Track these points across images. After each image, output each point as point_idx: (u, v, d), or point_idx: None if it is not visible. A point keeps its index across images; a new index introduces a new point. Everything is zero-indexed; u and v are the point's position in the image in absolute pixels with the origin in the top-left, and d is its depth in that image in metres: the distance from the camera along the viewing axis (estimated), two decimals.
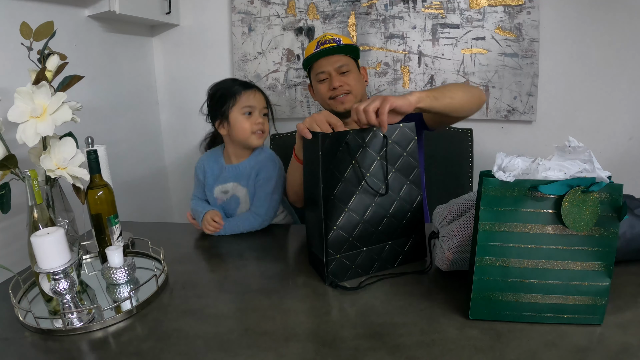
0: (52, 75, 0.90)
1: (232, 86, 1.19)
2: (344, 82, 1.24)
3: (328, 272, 0.88)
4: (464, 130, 1.61)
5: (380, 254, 0.92)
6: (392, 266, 0.93)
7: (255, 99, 1.18)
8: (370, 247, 0.91)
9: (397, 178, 0.92)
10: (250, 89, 1.19)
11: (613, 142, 1.70)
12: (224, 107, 1.18)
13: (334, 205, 0.86)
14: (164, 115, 2.09)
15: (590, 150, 0.68)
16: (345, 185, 0.87)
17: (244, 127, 1.17)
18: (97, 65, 1.61)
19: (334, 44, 1.24)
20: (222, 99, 1.19)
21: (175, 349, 0.70)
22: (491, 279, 0.71)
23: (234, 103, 1.17)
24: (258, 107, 1.18)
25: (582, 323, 0.71)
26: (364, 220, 0.89)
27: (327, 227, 0.86)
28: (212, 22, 1.93)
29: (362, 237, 0.90)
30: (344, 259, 0.89)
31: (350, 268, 0.89)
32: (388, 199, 0.91)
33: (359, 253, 0.90)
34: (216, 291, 0.91)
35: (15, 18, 1.07)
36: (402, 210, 0.92)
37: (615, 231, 0.68)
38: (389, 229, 0.92)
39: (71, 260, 0.75)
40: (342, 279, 0.89)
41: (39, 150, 0.90)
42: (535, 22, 1.64)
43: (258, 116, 1.18)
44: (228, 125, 1.19)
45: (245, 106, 1.17)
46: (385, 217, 0.91)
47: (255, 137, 1.19)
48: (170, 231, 1.31)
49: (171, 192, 2.18)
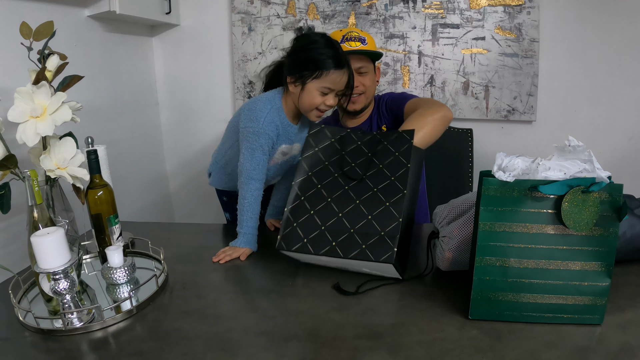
0: (52, 75, 0.89)
1: (324, 55, 1.06)
2: (360, 83, 1.24)
3: (281, 236, 0.89)
4: (464, 130, 1.61)
5: (336, 237, 0.86)
6: (345, 256, 0.84)
7: (341, 82, 1.08)
8: (329, 226, 0.87)
9: (380, 173, 0.91)
10: (342, 69, 1.07)
11: (613, 142, 1.70)
12: (305, 72, 1.07)
13: (310, 181, 0.92)
14: (164, 115, 2.09)
15: (590, 150, 0.68)
16: (326, 168, 0.94)
17: (313, 101, 1.08)
18: (97, 65, 1.61)
19: (359, 44, 1.22)
20: (308, 63, 1.07)
21: (175, 349, 0.70)
22: (491, 279, 0.71)
23: (318, 77, 1.06)
24: (337, 89, 1.09)
25: (582, 323, 0.71)
26: (331, 198, 0.90)
27: (295, 195, 0.91)
28: (212, 22, 1.93)
29: (324, 215, 0.88)
30: (298, 229, 0.88)
31: (301, 240, 0.87)
32: (363, 187, 0.90)
33: (315, 228, 0.88)
34: (216, 291, 0.91)
35: (15, 18, 1.07)
36: (374, 201, 0.88)
37: (615, 231, 0.68)
38: (353, 214, 0.87)
39: (71, 260, 0.75)
40: (290, 249, 0.88)
41: (39, 150, 0.90)
42: (535, 22, 1.64)
43: (332, 98, 1.09)
44: (300, 89, 1.09)
45: (326, 87, 1.07)
46: (354, 203, 0.88)
47: (314, 114, 1.11)
48: (170, 231, 1.31)
49: (171, 192, 2.18)
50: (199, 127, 2.07)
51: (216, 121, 1.99)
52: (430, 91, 1.79)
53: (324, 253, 0.85)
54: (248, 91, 1.94)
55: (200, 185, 2.05)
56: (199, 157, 2.08)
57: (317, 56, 1.06)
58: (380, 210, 0.86)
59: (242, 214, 1.09)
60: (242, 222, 1.08)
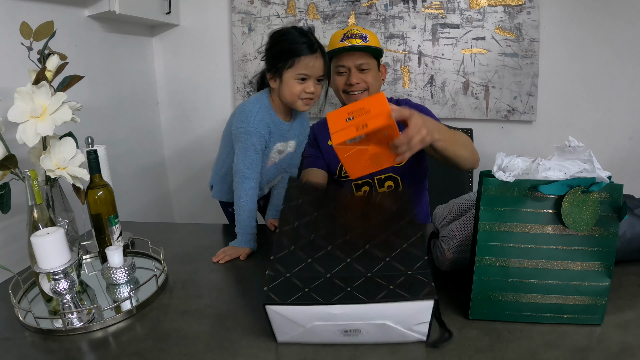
0: (52, 75, 0.89)
1: (295, 44, 1.08)
2: (362, 80, 1.24)
3: (268, 287, 0.66)
4: (464, 130, 1.61)
5: (350, 283, 0.66)
6: (369, 300, 0.63)
7: (315, 66, 1.08)
8: (336, 273, 0.69)
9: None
10: (312, 53, 1.08)
11: (613, 142, 1.70)
12: (279, 64, 1.09)
13: (297, 231, 0.75)
14: (164, 115, 2.09)
15: (590, 150, 0.68)
16: (315, 219, 0.78)
17: (293, 91, 1.09)
18: (97, 65, 1.61)
19: (360, 41, 1.22)
20: (281, 55, 1.09)
21: (175, 349, 0.70)
22: (491, 279, 0.71)
23: (291, 65, 1.08)
24: (315, 75, 1.09)
25: (582, 323, 0.71)
26: (332, 246, 0.73)
27: (282, 245, 0.71)
28: (212, 22, 1.93)
29: (326, 263, 0.71)
30: (294, 279, 0.67)
31: (301, 289, 0.65)
32: (370, 234, 0.75)
33: (318, 276, 0.68)
34: (216, 291, 0.91)
35: (15, 18, 1.07)
36: (388, 246, 0.72)
37: (615, 231, 0.68)
38: (365, 259, 0.71)
39: (71, 260, 0.75)
40: (286, 300, 0.64)
41: (39, 150, 0.90)
42: (535, 22, 1.64)
43: (311, 84, 1.09)
44: (280, 82, 1.11)
45: (301, 73, 1.08)
46: (362, 248, 0.72)
47: (302, 103, 1.11)
48: (170, 231, 1.31)
49: (171, 192, 2.18)
50: (199, 127, 2.07)
51: (216, 121, 1.99)
52: (430, 91, 1.79)
53: (338, 300, 0.63)
54: (248, 91, 1.93)
55: (200, 185, 2.05)
56: (199, 157, 2.08)
57: (286, 45, 1.08)
58: (399, 251, 0.70)
59: (239, 214, 1.09)
60: (240, 222, 1.09)
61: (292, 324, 0.65)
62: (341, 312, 0.63)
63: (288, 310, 0.64)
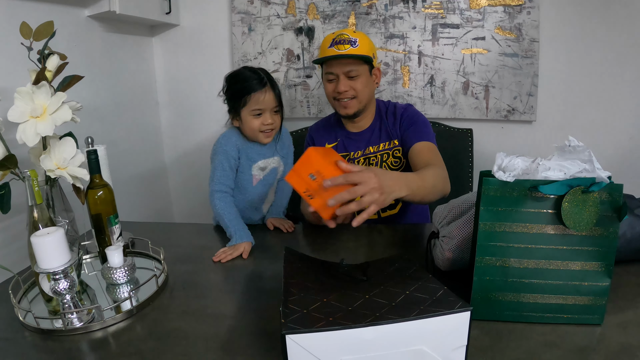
0: (52, 75, 0.89)
1: (245, 83, 1.17)
2: (350, 87, 1.23)
3: (286, 320, 0.57)
4: (464, 130, 1.61)
5: (376, 311, 0.61)
6: (403, 318, 0.57)
7: (265, 100, 1.16)
8: (357, 307, 0.62)
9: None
10: (261, 88, 1.16)
11: (613, 142, 1.70)
12: (235, 105, 1.19)
13: (302, 284, 0.70)
14: (164, 115, 2.09)
15: (590, 150, 0.68)
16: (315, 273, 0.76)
17: (252, 126, 1.18)
18: (97, 65, 1.61)
19: (349, 46, 1.20)
20: (235, 95, 1.19)
21: (175, 349, 0.70)
22: (491, 279, 0.71)
23: (244, 104, 1.17)
24: (268, 108, 1.18)
25: (582, 323, 0.71)
26: (344, 289, 0.70)
27: (288, 292, 0.66)
28: (212, 22, 1.93)
29: (342, 299, 0.65)
30: (313, 313, 0.60)
31: (323, 319, 0.58)
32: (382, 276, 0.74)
33: (337, 310, 0.61)
34: (216, 291, 0.91)
35: (15, 18, 1.07)
36: (405, 282, 0.69)
37: (615, 231, 0.68)
38: (384, 295, 0.66)
39: (71, 260, 0.75)
40: (312, 327, 0.56)
41: (39, 150, 0.90)
42: (535, 22, 1.64)
43: (268, 116, 1.18)
44: (240, 121, 1.21)
45: (255, 109, 1.17)
46: (378, 288, 0.68)
47: (263, 136, 1.20)
48: (170, 231, 1.31)
49: (171, 192, 2.18)
50: (199, 127, 2.07)
51: (216, 121, 1.99)
52: (430, 91, 1.79)
53: (370, 323, 0.56)
54: None
55: (200, 185, 2.05)
56: (199, 157, 2.07)
57: (236, 87, 1.18)
58: (417, 286, 0.67)
59: (223, 221, 1.15)
60: (228, 227, 1.13)
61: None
62: (373, 337, 0.56)
63: (313, 341, 0.55)
